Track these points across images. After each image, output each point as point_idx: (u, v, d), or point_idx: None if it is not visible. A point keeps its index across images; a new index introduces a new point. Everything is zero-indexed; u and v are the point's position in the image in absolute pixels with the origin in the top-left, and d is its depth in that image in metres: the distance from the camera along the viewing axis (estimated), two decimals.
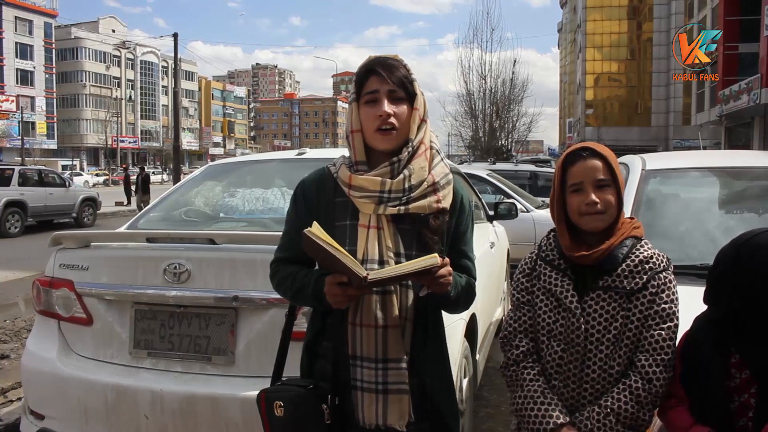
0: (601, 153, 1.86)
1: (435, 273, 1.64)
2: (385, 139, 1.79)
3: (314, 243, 1.62)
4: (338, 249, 1.61)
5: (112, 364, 2.87)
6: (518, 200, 9.47)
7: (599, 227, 1.84)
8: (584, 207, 1.83)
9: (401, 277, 1.67)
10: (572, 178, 1.87)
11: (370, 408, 1.77)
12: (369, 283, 1.62)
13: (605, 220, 1.83)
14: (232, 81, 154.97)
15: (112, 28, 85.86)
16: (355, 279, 1.61)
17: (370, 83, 1.81)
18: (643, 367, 1.77)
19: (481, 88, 34.05)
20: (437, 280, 1.66)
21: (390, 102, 1.79)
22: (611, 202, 1.82)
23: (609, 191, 1.83)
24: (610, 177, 1.83)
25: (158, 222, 3.66)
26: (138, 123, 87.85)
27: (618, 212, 1.85)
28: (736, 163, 3.72)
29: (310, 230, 1.63)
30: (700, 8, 40.90)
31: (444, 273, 1.66)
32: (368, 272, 1.62)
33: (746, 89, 27.79)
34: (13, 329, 6.72)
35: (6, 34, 66.11)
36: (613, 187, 1.83)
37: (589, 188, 1.83)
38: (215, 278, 2.74)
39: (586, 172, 1.85)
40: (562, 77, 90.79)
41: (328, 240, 1.62)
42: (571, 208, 1.87)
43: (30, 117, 66.45)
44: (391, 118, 1.78)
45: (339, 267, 1.62)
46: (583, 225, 1.85)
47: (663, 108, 59.29)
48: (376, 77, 1.80)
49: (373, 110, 1.79)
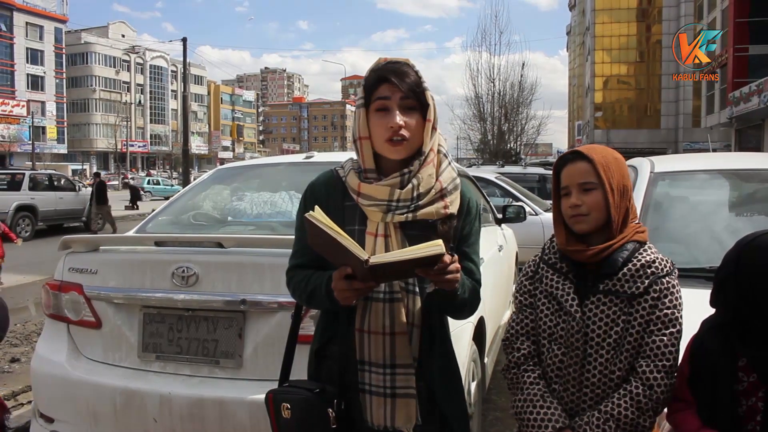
0: (588, 156, 1.84)
1: (442, 267, 1.60)
2: (396, 150, 1.77)
3: (316, 228, 1.59)
4: (339, 233, 1.58)
5: (121, 368, 2.88)
6: (527, 203, 9.46)
7: (584, 229, 1.84)
8: (568, 210, 1.85)
9: (404, 264, 1.58)
10: (562, 181, 1.89)
11: (379, 410, 1.78)
12: (371, 268, 1.55)
13: (590, 222, 1.83)
14: (240, 85, 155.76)
15: (121, 33, 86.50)
16: (357, 264, 1.57)
17: (381, 90, 1.78)
18: (644, 373, 1.75)
19: (489, 91, 34.13)
20: (444, 275, 1.62)
21: (401, 112, 1.76)
22: (597, 205, 1.81)
23: (594, 194, 1.82)
24: (596, 179, 1.82)
25: (167, 225, 3.67)
26: (147, 127, 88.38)
27: (608, 214, 1.82)
28: (746, 166, 3.70)
29: (311, 214, 1.60)
30: (709, 10, 40.75)
31: (452, 268, 1.62)
32: (369, 256, 1.57)
33: (756, 91, 27.66)
34: (24, 333, 6.76)
35: (17, 40, 66.63)
36: (600, 190, 1.81)
37: (573, 191, 1.85)
38: (223, 282, 2.75)
39: (571, 175, 1.86)
40: (571, 80, 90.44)
41: (329, 224, 1.59)
42: (562, 210, 1.88)
43: (40, 122, 66.94)
44: (403, 130, 1.75)
45: (341, 252, 1.59)
46: (571, 227, 1.87)
47: (672, 110, 59.01)
48: (388, 85, 1.77)
49: (384, 120, 1.76)
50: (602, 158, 1.85)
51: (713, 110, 38.46)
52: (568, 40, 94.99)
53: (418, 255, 1.56)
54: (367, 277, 1.60)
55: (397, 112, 1.76)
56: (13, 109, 63.99)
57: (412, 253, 1.57)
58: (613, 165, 1.85)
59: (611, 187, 1.82)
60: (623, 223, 1.84)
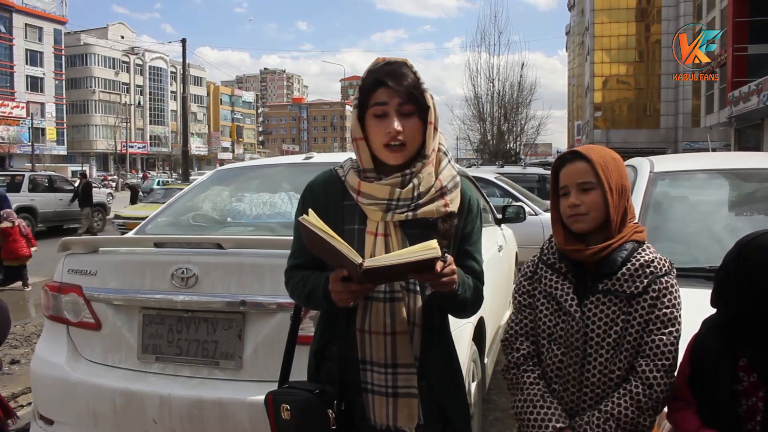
0: (586, 156, 1.85)
1: (437, 270, 1.58)
2: (394, 156, 1.76)
3: (310, 231, 1.58)
4: (333, 236, 1.57)
5: (121, 369, 2.88)
6: (526, 203, 9.46)
7: (582, 229, 1.84)
8: (567, 209, 1.85)
9: (399, 268, 1.57)
10: (561, 181, 1.90)
11: (381, 409, 1.78)
12: (365, 272, 1.54)
13: (588, 222, 1.83)
14: (240, 86, 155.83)
15: (120, 35, 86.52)
16: (352, 268, 1.56)
17: (379, 94, 1.76)
18: (644, 373, 1.75)
19: (489, 92, 34.13)
20: (440, 278, 1.61)
21: (399, 118, 1.74)
22: (595, 204, 1.82)
23: (593, 193, 1.82)
24: (594, 179, 1.83)
25: (166, 227, 3.67)
26: (147, 128, 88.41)
27: (607, 214, 1.83)
28: (745, 165, 3.70)
29: (305, 217, 1.59)
30: (708, 10, 40.76)
31: (447, 271, 1.61)
32: (364, 260, 1.56)
33: (756, 90, 27.64)
34: (24, 334, 6.76)
35: (16, 41, 66.62)
36: (599, 189, 1.82)
37: (572, 191, 1.85)
38: (223, 283, 2.75)
39: (570, 175, 1.87)
40: (570, 80, 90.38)
41: (323, 227, 1.58)
42: (561, 210, 1.89)
43: (40, 123, 66.90)
44: (401, 136, 1.74)
45: (335, 256, 1.58)
46: (570, 227, 1.87)
47: (672, 110, 58.97)
48: (385, 89, 1.75)
49: (382, 125, 1.75)
50: (601, 158, 1.85)
51: (713, 110, 38.45)
52: (567, 40, 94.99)
53: (412, 258, 1.54)
54: (362, 279, 1.59)
55: (395, 118, 1.74)
56: (13, 111, 63.95)
57: (406, 255, 1.55)
58: (612, 165, 1.86)
59: (610, 187, 1.82)
60: (622, 223, 1.85)
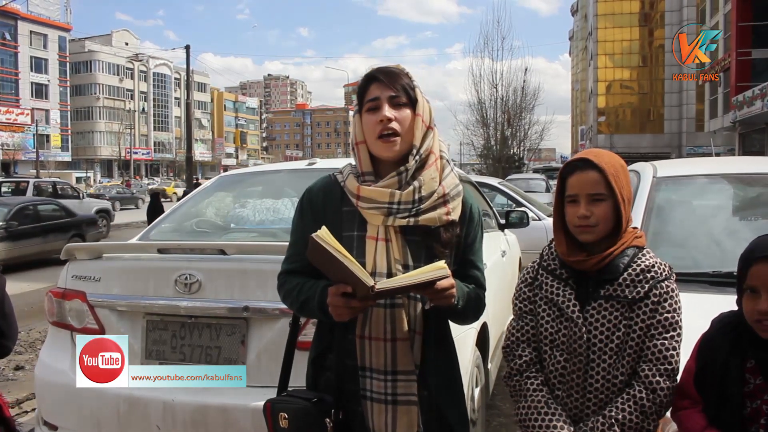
0: (598, 165, 1.82)
1: (437, 286, 1.61)
2: (388, 146, 1.77)
3: (321, 248, 1.57)
4: (347, 256, 1.57)
5: None
6: (530, 208, 9.44)
7: (589, 240, 1.83)
8: (576, 219, 1.83)
9: (408, 288, 1.62)
10: (569, 189, 1.87)
11: (380, 417, 1.77)
12: (375, 294, 1.56)
13: (596, 233, 1.82)
14: (244, 92, 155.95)
15: (125, 41, 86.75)
16: (362, 289, 1.56)
17: (372, 91, 1.80)
18: (647, 377, 1.76)
19: (492, 97, 34.04)
20: (440, 293, 1.63)
21: (391, 107, 1.77)
22: (605, 216, 1.81)
23: (603, 205, 1.81)
24: (606, 190, 1.81)
25: (169, 233, 3.68)
26: (151, 134, 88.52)
27: (615, 225, 1.83)
28: (749, 170, 3.69)
29: (317, 234, 1.59)
30: (712, 14, 40.71)
31: (446, 285, 1.63)
32: (376, 282, 1.57)
33: (760, 95, 27.55)
34: (28, 340, 6.78)
35: (21, 48, 66.95)
36: (610, 201, 1.80)
37: (582, 201, 1.82)
38: (226, 289, 2.75)
39: (580, 184, 1.84)
40: (574, 85, 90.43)
41: (336, 246, 1.57)
42: (567, 218, 1.87)
43: (45, 130, 67.23)
44: (392, 123, 1.76)
45: (346, 275, 1.57)
46: (576, 236, 1.86)
47: (676, 114, 58.89)
48: (377, 84, 1.80)
49: (375, 117, 1.78)
50: (612, 167, 1.83)
51: (717, 114, 38.32)
52: (570, 45, 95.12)
53: (424, 279, 1.58)
54: (369, 299, 1.60)
55: (386, 105, 1.77)
56: (18, 118, 64.29)
57: (418, 277, 1.58)
58: (622, 174, 1.85)
59: (622, 198, 1.81)
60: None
